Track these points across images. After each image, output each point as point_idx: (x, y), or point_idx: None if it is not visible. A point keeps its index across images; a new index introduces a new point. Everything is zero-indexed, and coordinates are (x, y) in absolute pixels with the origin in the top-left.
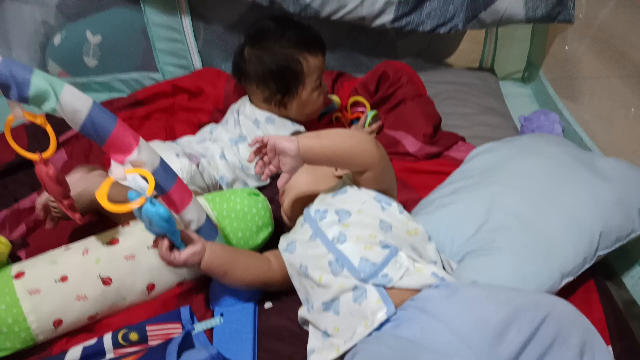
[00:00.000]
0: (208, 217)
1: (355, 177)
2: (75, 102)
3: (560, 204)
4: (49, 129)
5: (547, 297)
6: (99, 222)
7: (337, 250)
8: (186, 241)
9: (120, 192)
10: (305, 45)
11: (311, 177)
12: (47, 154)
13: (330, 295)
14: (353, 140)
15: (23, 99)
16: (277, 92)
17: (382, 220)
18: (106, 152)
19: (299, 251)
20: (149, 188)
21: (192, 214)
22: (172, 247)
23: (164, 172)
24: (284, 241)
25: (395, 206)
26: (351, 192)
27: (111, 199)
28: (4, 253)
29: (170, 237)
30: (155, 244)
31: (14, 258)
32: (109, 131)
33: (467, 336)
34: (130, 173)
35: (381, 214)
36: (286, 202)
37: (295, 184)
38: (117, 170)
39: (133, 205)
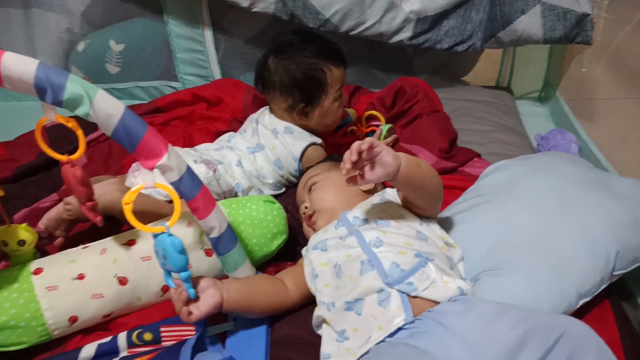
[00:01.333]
0: (229, 225)
1: (410, 206)
2: (108, 107)
3: (574, 223)
4: (80, 132)
5: (562, 317)
6: (112, 225)
7: (372, 253)
8: (198, 288)
9: (141, 201)
10: (328, 57)
11: (339, 192)
12: (75, 155)
13: (356, 294)
14: (437, 178)
15: (57, 103)
16: (301, 100)
17: (419, 231)
18: (136, 158)
19: (331, 249)
20: (172, 218)
21: (215, 221)
22: (188, 300)
23: (190, 178)
24: (312, 243)
25: (434, 222)
26: (391, 204)
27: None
28: (32, 242)
29: (183, 279)
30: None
31: (42, 253)
32: (140, 136)
33: (481, 353)
34: (161, 187)
35: (419, 226)
36: (319, 219)
37: (323, 199)
38: (147, 179)
39: (152, 230)
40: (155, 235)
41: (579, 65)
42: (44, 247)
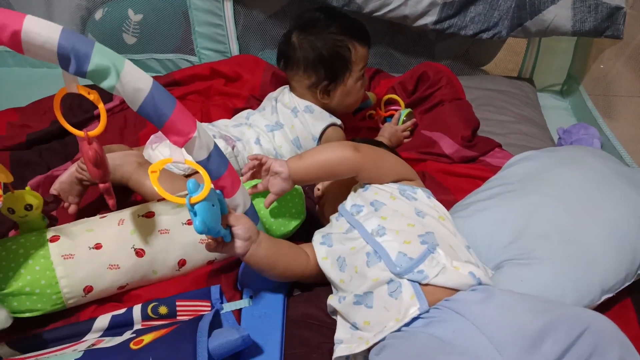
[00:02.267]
0: (252, 204)
1: (359, 181)
2: (137, 81)
3: (602, 217)
4: (102, 106)
5: (586, 311)
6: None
7: (376, 243)
8: (232, 232)
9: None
10: (354, 34)
11: (347, 183)
12: (94, 132)
13: (365, 287)
14: (331, 152)
15: (81, 74)
16: (325, 78)
17: (416, 207)
18: (164, 134)
19: (335, 243)
20: (200, 194)
21: (240, 199)
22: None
23: (218, 157)
24: (318, 235)
25: (420, 192)
26: (380, 186)
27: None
28: (38, 206)
29: (214, 235)
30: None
31: (50, 218)
32: (169, 112)
33: (501, 342)
34: (190, 164)
35: (412, 203)
36: (324, 203)
37: (331, 186)
38: (176, 154)
39: (176, 200)
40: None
41: (599, 60)
42: (51, 212)
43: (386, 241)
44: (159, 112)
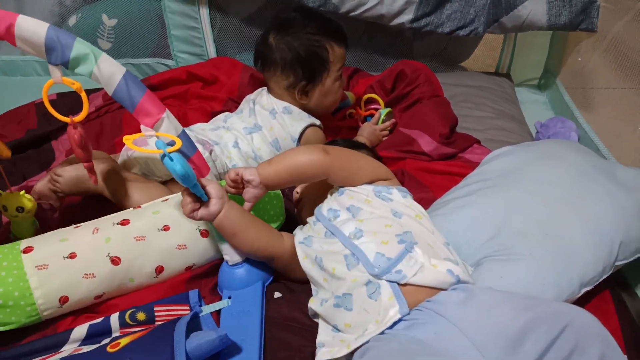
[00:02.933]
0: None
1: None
2: (111, 67)
3: (580, 211)
4: (84, 95)
5: (567, 306)
6: (104, 207)
7: (354, 245)
8: (208, 195)
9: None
10: (331, 34)
11: (325, 186)
12: (78, 117)
13: (344, 289)
14: (299, 156)
15: (64, 62)
16: (302, 78)
17: (392, 208)
18: (135, 117)
19: (315, 245)
20: (174, 146)
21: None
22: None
23: (186, 140)
24: (300, 234)
25: (396, 192)
26: (354, 189)
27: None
28: (31, 210)
29: (191, 189)
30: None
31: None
32: (140, 95)
33: (482, 343)
34: (162, 135)
35: (388, 204)
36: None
37: (307, 189)
38: (149, 132)
39: (153, 151)
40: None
41: (579, 53)
42: (48, 219)
43: (364, 243)
44: (131, 95)
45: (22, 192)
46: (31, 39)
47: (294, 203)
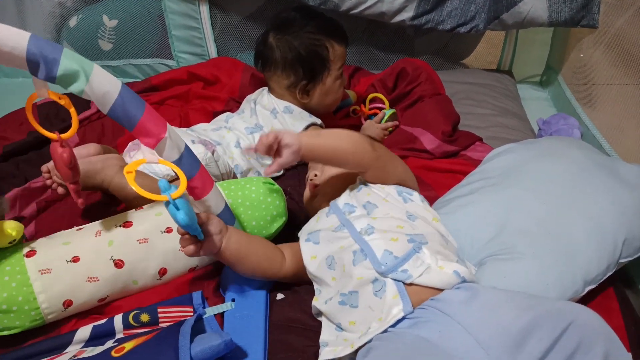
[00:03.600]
0: (227, 205)
1: (361, 176)
2: (105, 84)
3: (583, 209)
4: (73, 110)
5: (570, 304)
6: (107, 204)
7: (364, 241)
8: (205, 230)
9: (140, 179)
10: (331, 33)
11: (345, 178)
12: (66, 135)
13: (350, 286)
14: (350, 141)
15: (50, 79)
16: (303, 77)
17: (407, 211)
18: (135, 136)
19: (323, 242)
20: (178, 190)
21: (212, 201)
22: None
23: (189, 158)
24: (304, 231)
25: (416, 195)
26: (375, 186)
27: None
28: (18, 235)
29: (191, 232)
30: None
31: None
32: (139, 115)
33: (486, 342)
34: (164, 163)
35: (405, 205)
36: (320, 196)
37: (330, 179)
38: (150, 155)
39: (157, 198)
40: (167, 204)
41: (581, 49)
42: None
43: (373, 239)
44: (129, 115)
45: (13, 225)
46: (10, 53)
47: (308, 184)
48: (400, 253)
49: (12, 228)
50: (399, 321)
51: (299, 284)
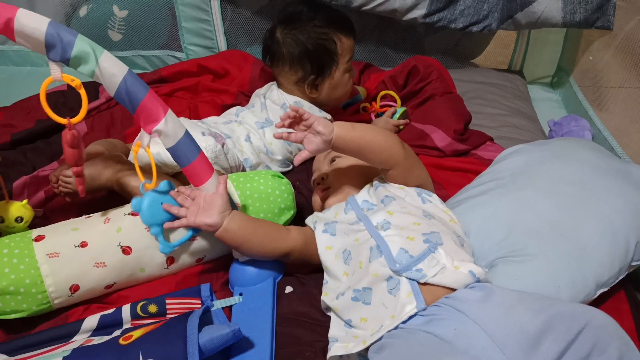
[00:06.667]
0: (231, 198)
1: (384, 174)
2: (112, 67)
3: (594, 211)
4: (83, 93)
5: (583, 307)
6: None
7: (379, 236)
8: (208, 207)
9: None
10: (338, 26)
11: (358, 174)
12: (75, 118)
13: (364, 283)
14: (382, 137)
15: (65, 60)
16: (311, 72)
17: (424, 210)
18: (136, 120)
19: (340, 233)
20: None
21: (211, 189)
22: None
23: (187, 145)
24: (320, 222)
25: (435, 197)
26: (395, 186)
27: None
28: (28, 220)
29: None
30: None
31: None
32: (140, 98)
33: (502, 341)
34: (147, 152)
35: (423, 205)
36: (332, 196)
37: (342, 177)
38: (145, 141)
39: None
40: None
41: (589, 52)
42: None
43: (389, 235)
44: (132, 97)
45: (22, 203)
46: (31, 35)
47: (316, 188)
48: (415, 252)
49: (28, 209)
50: (410, 317)
51: (306, 271)
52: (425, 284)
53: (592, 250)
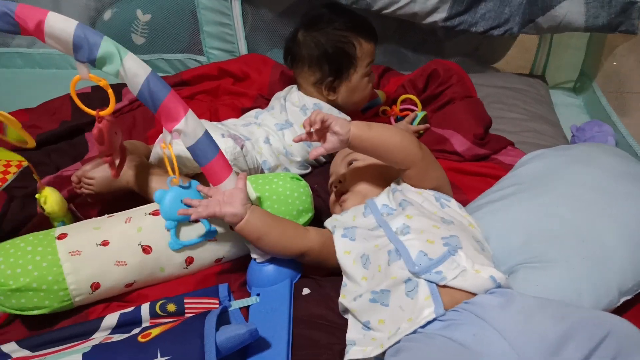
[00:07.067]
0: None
1: (400, 174)
2: (136, 67)
3: (617, 217)
4: (110, 91)
5: (606, 314)
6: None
7: (399, 241)
8: (230, 200)
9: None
10: (359, 30)
11: (376, 177)
12: (104, 112)
13: (383, 285)
14: (399, 136)
15: (91, 61)
16: (329, 74)
17: (443, 214)
18: (157, 119)
19: (359, 239)
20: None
21: (229, 188)
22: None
23: (206, 145)
24: (339, 226)
25: (454, 202)
26: (413, 188)
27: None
28: (51, 212)
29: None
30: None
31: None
32: (162, 98)
33: (522, 348)
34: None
35: (440, 211)
36: (350, 200)
37: (360, 181)
38: (168, 138)
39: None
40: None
41: (612, 57)
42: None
43: (408, 240)
44: (154, 97)
45: (51, 195)
46: (60, 36)
47: (334, 192)
48: (435, 255)
49: (53, 200)
50: (429, 322)
51: (323, 273)
52: (444, 287)
53: (615, 256)
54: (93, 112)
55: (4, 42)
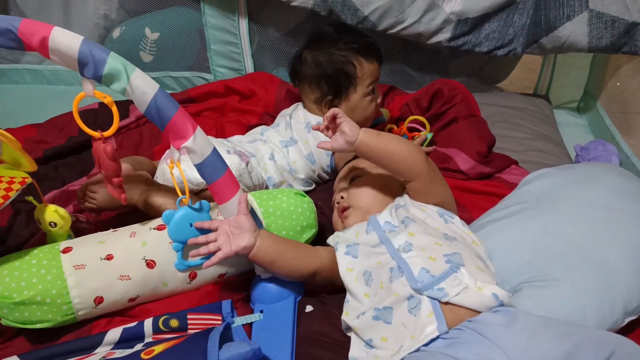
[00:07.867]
0: (254, 212)
1: (405, 186)
2: (144, 85)
3: (622, 236)
4: (115, 109)
5: (611, 334)
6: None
7: (401, 259)
8: (235, 225)
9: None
10: (361, 50)
11: (379, 193)
12: (108, 132)
13: (386, 302)
14: (406, 147)
15: (97, 77)
16: (329, 93)
17: (446, 231)
18: (165, 136)
19: (362, 256)
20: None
21: (234, 208)
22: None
23: (213, 163)
24: (342, 244)
25: (457, 219)
26: (416, 204)
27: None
28: (63, 226)
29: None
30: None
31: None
32: (170, 115)
33: None
34: (171, 166)
35: (444, 227)
36: (352, 216)
37: (362, 197)
38: (174, 157)
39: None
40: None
41: (616, 77)
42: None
43: (411, 257)
44: (161, 114)
45: (54, 208)
46: (65, 52)
47: (336, 208)
48: (437, 272)
49: (60, 214)
50: (432, 340)
51: (330, 291)
52: (447, 304)
53: (620, 275)
54: (96, 133)
55: (15, 58)
